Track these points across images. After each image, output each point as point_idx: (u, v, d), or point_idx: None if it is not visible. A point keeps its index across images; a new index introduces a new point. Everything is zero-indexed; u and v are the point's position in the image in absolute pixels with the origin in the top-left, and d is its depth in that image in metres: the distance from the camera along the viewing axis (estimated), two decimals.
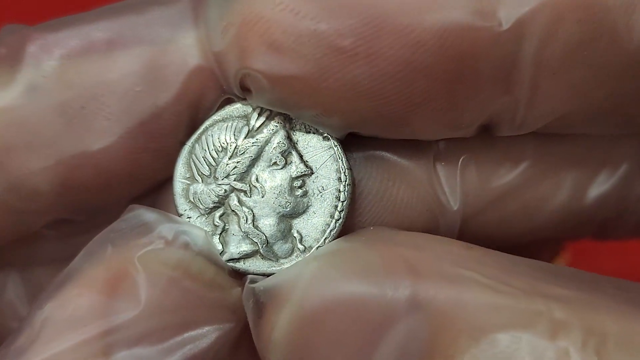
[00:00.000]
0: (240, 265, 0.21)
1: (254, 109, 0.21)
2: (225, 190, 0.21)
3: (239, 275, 0.21)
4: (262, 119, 0.21)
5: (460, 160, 0.21)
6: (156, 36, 0.20)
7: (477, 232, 0.22)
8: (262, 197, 0.21)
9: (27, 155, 0.20)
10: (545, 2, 0.18)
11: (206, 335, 0.19)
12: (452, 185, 0.21)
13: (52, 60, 0.20)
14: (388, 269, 0.18)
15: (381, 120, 0.19)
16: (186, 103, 0.21)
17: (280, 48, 0.18)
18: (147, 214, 0.20)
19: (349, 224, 0.21)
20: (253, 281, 0.20)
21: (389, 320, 0.18)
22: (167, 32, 0.20)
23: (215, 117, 0.21)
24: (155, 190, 0.22)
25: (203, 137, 0.21)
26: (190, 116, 0.21)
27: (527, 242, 0.23)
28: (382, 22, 0.18)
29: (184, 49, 0.20)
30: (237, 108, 0.21)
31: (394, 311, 0.18)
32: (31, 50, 0.20)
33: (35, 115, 0.20)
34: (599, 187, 0.22)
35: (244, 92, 0.20)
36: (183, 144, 0.21)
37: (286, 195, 0.21)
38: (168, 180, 0.22)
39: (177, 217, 0.21)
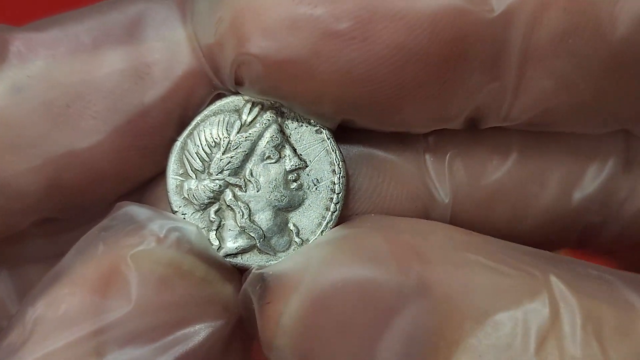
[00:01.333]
0: (237, 260, 0.20)
1: (245, 103, 0.21)
2: (219, 185, 0.20)
3: (233, 271, 0.21)
4: (254, 113, 0.21)
5: (448, 154, 0.22)
6: (143, 34, 0.20)
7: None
8: (258, 191, 0.20)
9: (13, 155, 0.20)
10: None
11: (198, 333, 0.19)
12: (442, 178, 0.21)
13: (37, 59, 0.20)
14: (396, 255, 0.18)
15: (373, 106, 0.19)
16: (175, 101, 0.20)
17: (276, 33, 0.18)
18: (137, 211, 0.20)
19: (342, 218, 0.21)
20: (260, 267, 0.20)
21: (398, 304, 0.18)
22: (154, 29, 0.20)
23: (206, 111, 0.21)
24: (142, 187, 0.22)
25: (195, 133, 0.21)
26: (179, 113, 0.21)
27: None
28: (378, 6, 0.18)
29: (172, 46, 0.20)
30: (228, 102, 0.21)
31: (402, 295, 0.18)
32: (15, 50, 0.20)
33: (20, 115, 0.20)
34: (583, 189, 0.22)
35: (236, 85, 0.20)
36: (174, 140, 0.21)
37: (281, 188, 0.20)
38: (155, 177, 0.21)
39: (168, 213, 0.20)
